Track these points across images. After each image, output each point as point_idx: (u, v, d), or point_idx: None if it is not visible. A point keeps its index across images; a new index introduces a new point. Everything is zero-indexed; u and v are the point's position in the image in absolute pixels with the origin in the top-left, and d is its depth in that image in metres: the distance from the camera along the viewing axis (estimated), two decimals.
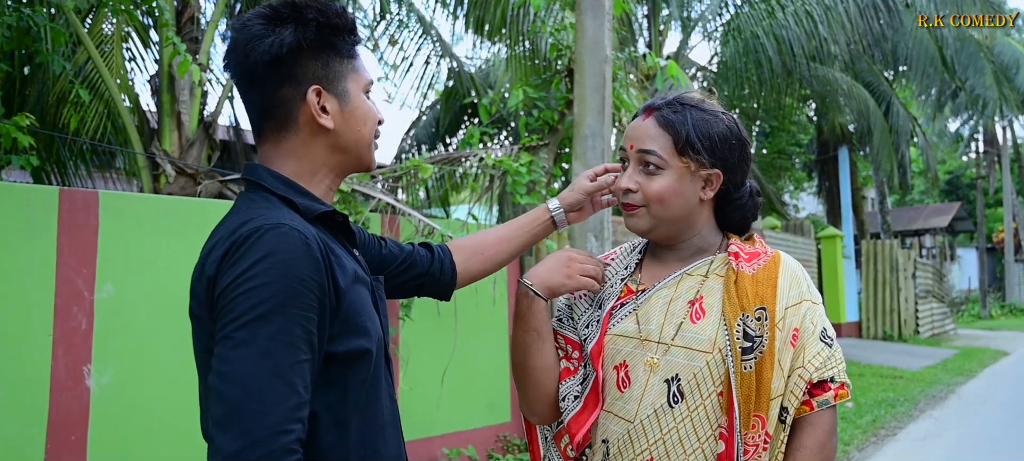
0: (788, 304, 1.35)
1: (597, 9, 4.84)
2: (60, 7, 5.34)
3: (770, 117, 15.95)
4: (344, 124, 1.28)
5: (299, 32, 1.23)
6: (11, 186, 3.71)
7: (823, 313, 1.40)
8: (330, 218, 1.27)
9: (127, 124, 5.89)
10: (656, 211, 1.41)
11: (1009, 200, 26.42)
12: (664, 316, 1.40)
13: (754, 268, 1.39)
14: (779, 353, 1.32)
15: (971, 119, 24.69)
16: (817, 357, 1.34)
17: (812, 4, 10.62)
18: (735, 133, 1.42)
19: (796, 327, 1.34)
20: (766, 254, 1.43)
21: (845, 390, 1.35)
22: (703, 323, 1.36)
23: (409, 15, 9.02)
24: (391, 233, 4.94)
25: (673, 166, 1.39)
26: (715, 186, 1.43)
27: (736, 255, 1.40)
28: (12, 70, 5.51)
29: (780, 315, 1.34)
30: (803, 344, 1.34)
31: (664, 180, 1.39)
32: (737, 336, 1.31)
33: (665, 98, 1.44)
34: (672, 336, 1.37)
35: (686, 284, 1.42)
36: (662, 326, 1.39)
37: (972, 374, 10.78)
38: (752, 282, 1.36)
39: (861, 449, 6.35)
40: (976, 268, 27.42)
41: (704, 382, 1.33)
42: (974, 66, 17.60)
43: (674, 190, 1.39)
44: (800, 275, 1.41)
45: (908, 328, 15.29)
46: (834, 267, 14.51)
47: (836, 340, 1.39)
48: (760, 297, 1.35)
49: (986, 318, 23.84)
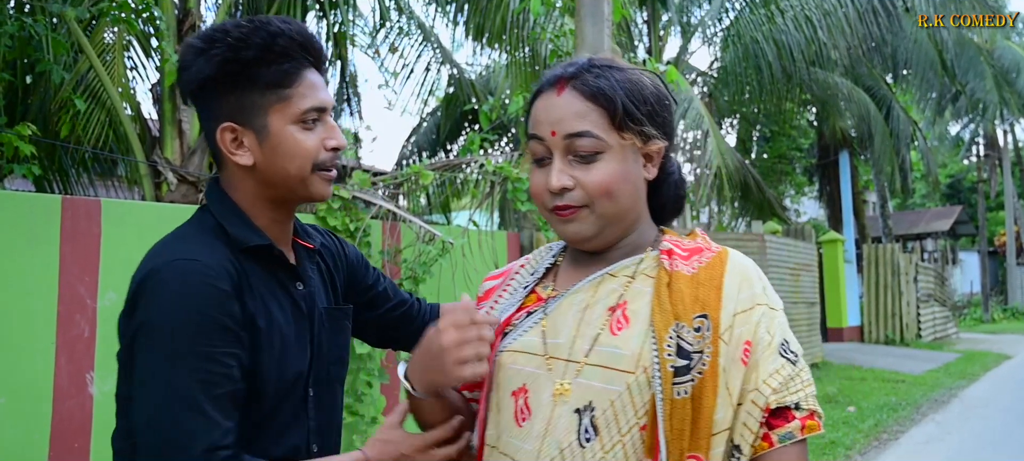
0: (737, 310, 1.06)
1: (596, 15, 4.86)
2: (62, 16, 5.37)
3: (771, 122, 15.97)
4: (265, 161, 1.20)
5: (208, 66, 1.17)
6: (13, 195, 3.73)
7: (784, 322, 1.12)
8: (265, 252, 1.21)
9: (129, 132, 5.91)
10: (603, 208, 1.10)
11: (1010, 203, 26.40)
12: (577, 327, 1.11)
13: (693, 267, 1.10)
14: (725, 373, 1.02)
15: (972, 123, 24.72)
16: (776, 376, 1.03)
17: (811, 9, 10.64)
18: (664, 91, 1.17)
19: (748, 339, 1.04)
20: (709, 250, 1.14)
21: (815, 420, 1.05)
22: (626, 335, 1.07)
23: (409, 22, 9.06)
24: (392, 239, 4.95)
25: (613, 146, 1.09)
26: (657, 162, 1.16)
27: (670, 252, 1.13)
28: (14, 79, 5.53)
29: (726, 324, 1.04)
30: (757, 360, 1.04)
31: (607, 166, 1.09)
32: (668, 352, 1.02)
33: (575, 64, 1.14)
34: (586, 352, 1.08)
35: (607, 287, 1.13)
36: (574, 340, 1.10)
37: (974, 378, 10.76)
38: (690, 284, 1.07)
39: (863, 453, 6.35)
40: (978, 271, 27.37)
41: (624, 412, 1.03)
42: (974, 69, 17.61)
43: (621, 176, 1.10)
44: (753, 274, 1.11)
45: (910, 332, 15.27)
46: (836, 271, 14.49)
47: (801, 356, 1.09)
48: (700, 302, 1.06)
49: (988, 321, 23.80)
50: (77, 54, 5.85)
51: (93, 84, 6.06)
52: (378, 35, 8.81)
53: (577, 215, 1.11)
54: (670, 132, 1.17)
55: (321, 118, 1.23)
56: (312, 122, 1.21)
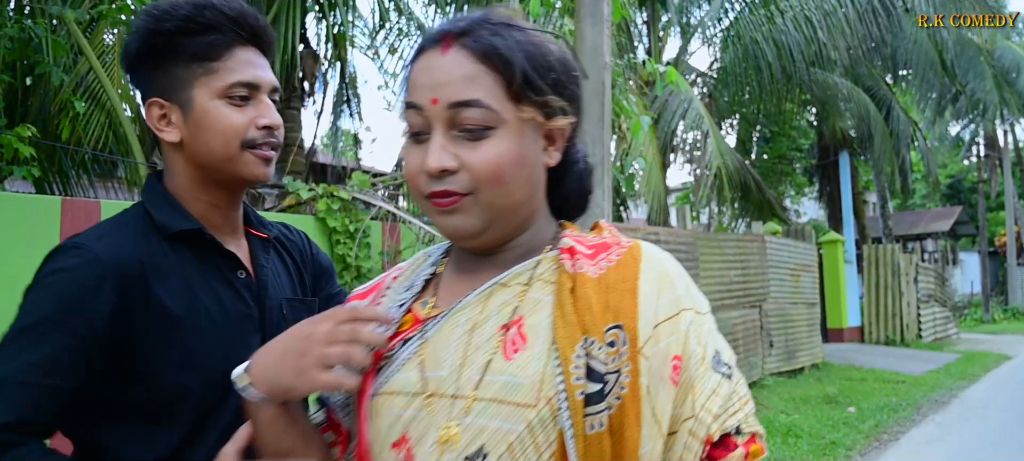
0: (659, 318, 0.86)
1: (596, 16, 4.86)
2: (61, 18, 5.37)
3: (770, 122, 15.97)
4: (190, 136, 1.16)
5: (135, 40, 1.16)
6: (13, 196, 3.73)
7: (713, 327, 0.92)
8: (194, 237, 1.17)
9: (129, 134, 5.92)
10: (491, 196, 0.88)
11: (1011, 203, 26.39)
12: (463, 353, 0.88)
13: (601, 267, 0.89)
14: (649, 396, 0.83)
15: (972, 123, 24.70)
16: (715, 398, 0.85)
17: (811, 9, 10.66)
18: (572, 61, 0.96)
19: (676, 353, 0.85)
20: (619, 246, 0.92)
21: (758, 443, 0.88)
22: (523, 358, 0.85)
23: (409, 23, 9.06)
24: (392, 240, 4.95)
25: (508, 120, 0.88)
26: (562, 145, 0.95)
27: (572, 250, 0.90)
28: (14, 81, 5.54)
29: (646, 335, 0.84)
30: (690, 379, 0.85)
31: (499, 144, 0.87)
32: (576, 375, 0.81)
33: (466, 18, 0.92)
34: (475, 383, 0.85)
35: (498, 300, 0.90)
36: (460, 369, 0.87)
37: (975, 378, 10.76)
38: (598, 288, 0.86)
39: (863, 454, 6.35)
40: (978, 272, 27.36)
41: (525, 456, 0.82)
42: (974, 70, 17.62)
43: (516, 158, 0.88)
44: (673, 273, 0.91)
45: (910, 332, 15.26)
46: (836, 272, 14.49)
47: (735, 366, 0.91)
48: (612, 310, 0.85)
49: (989, 322, 23.79)
50: (77, 56, 5.86)
51: (93, 86, 6.06)
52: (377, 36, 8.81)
53: (460, 204, 0.88)
54: (578, 109, 0.96)
55: (253, 96, 1.18)
56: (240, 98, 1.17)
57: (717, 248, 8.95)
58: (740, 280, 9.27)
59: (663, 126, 10.27)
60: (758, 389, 8.92)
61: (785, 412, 7.63)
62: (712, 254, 8.74)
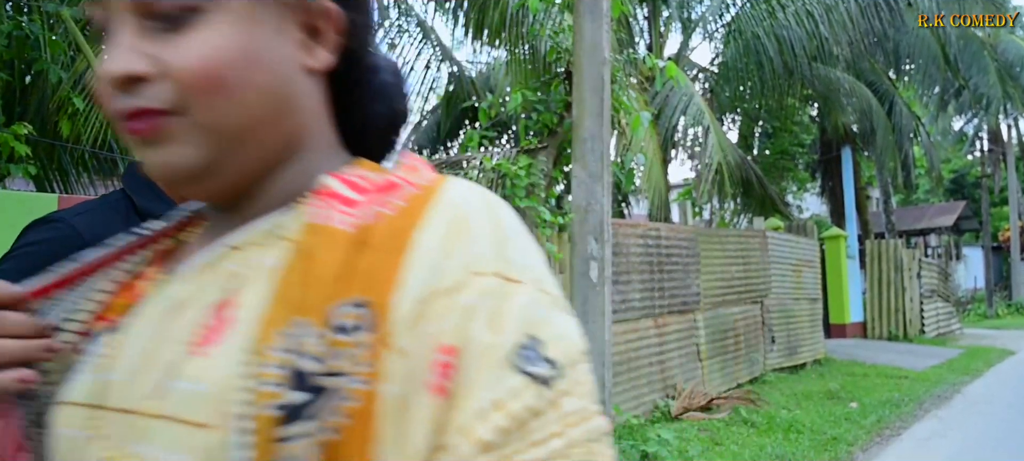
0: (431, 288, 0.50)
1: (595, 11, 4.84)
2: (58, 16, 5.36)
3: (772, 118, 15.94)
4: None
5: None
6: (11, 194, 3.73)
7: (540, 303, 0.52)
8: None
9: None
10: (210, 114, 0.57)
11: (1015, 198, 26.32)
12: (150, 346, 0.58)
13: (367, 217, 0.56)
14: (396, 413, 0.48)
15: (975, 118, 24.65)
16: (495, 416, 0.48)
17: (813, 4, 10.62)
18: None
19: (448, 342, 0.49)
20: (410, 186, 0.58)
21: None
22: (215, 353, 0.53)
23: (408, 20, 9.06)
24: None
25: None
26: (333, 41, 0.63)
27: (328, 193, 0.59)
28: (12, 79, 5.53)
29: (406, 316, 0.50)
30: (463, 384, 0.48)
31: (213, 33, 0.56)
32: (268, 381, 0.50)
33: None
34: (152, 392, 0.54)
35: (223, 271, 0.59)
36: (138, 372, 0.57)
37: (978, 374, 10.73)
38: (347, 248, 0.54)
39: (865, 449, 6.33)
40: (982, 267, 27.30)
41: None
42: (977, 64, 17.56)
43: (242, 52, 0.57)
44: (478, 222, 0.54)
45: (913, 328, 15.23)
46: (838, 267, 14.46)
47: (577, 366, 0.52)
48: (361, 279, 0.52)
49: (992, 317, 23.74)
50: (75, 53, 5.85)
51: (91, 83, 6.06)
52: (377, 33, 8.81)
53: (165, 128, 0.57)
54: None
55: None
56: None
57: (719, 244, 8.94)
58: (742, 276, 9.26)
59: (664, 122, 10.25)
60: (760, 385, 8.92)
61: (787, 408, 7.62)
62: (714, 250, 8.72)
